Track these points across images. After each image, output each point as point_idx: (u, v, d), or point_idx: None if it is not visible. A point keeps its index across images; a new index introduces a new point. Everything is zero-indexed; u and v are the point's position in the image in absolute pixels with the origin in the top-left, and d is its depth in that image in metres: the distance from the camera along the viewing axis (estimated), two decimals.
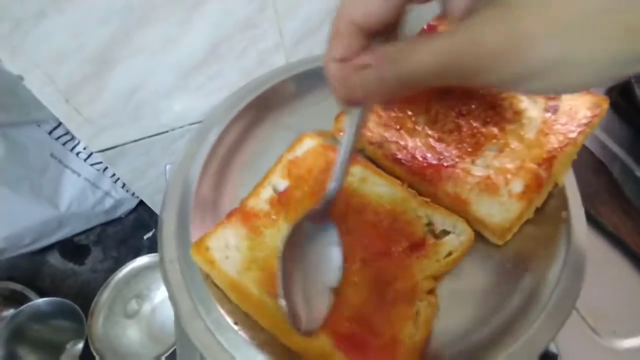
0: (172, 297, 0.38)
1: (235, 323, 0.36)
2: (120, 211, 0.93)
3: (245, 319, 0.37)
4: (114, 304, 0.78)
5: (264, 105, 0.50)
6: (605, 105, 0.41)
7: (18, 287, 0.89)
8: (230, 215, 0.43)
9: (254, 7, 0.63)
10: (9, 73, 0.58)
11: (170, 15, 0.60)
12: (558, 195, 0.41)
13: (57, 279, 0.91)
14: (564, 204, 0.40)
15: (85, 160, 0.83)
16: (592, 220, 0.62)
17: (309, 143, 0.47)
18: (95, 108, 0.67)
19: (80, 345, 0.76)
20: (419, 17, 0.92)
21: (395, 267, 0.38)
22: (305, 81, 0.52)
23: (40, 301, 0.79)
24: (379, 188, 0.43)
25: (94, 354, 0.71)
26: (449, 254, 0.39)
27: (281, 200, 0.43)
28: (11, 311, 0.86)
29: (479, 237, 0.40)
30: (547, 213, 0.41)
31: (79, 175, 0.83)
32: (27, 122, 0.76)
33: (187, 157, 0.46)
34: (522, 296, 0.37)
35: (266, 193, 0.44)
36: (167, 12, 0.59)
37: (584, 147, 0.67)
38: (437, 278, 0.38)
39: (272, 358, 0.35)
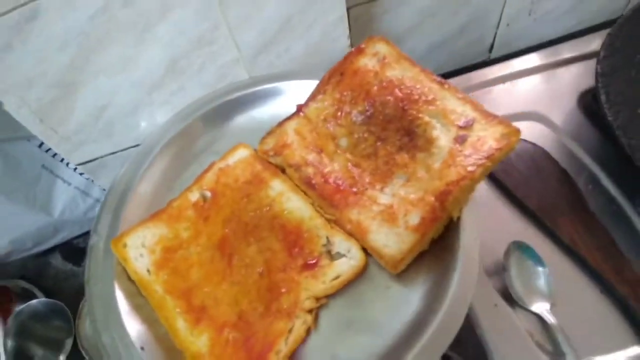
0: (92, 320, 0.41)
1: (142, 348, 0.39)
2: None
3: (152, 343, 0.40)
4: None
5: (196, 131, 0.52)
6: (516, 137, 0.39)
7: (27, 285, 0.97)
8: (155, 214, 0.46)
9: (206, 26, 0.64)
10: None
11: (124, 37, 0.62)
12: (454, 229, 0.40)
13: (60, 279, 0.98)
14: (457, 238, 0.40)
15: (75, 170, 0.88)
16: (550, 234, 0.59)
17: (242, 153, 0.50)
18: (68, 127, 0.71)
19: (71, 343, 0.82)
20: (397, 20, 0.89)
21: (286, 282, 0.40)
22: (236, 107, 0.53)
23: (35, 302, 0.85)
24: (291, 204, 0.45)
25: (83, 352, 0.77)
26: (337, 277, 0.40)
27: (205, 207, 0.46)
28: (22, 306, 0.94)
29: (379, 266, 0.41)
30: (442, 245, 0.41)
31: (69, 184, 0.88)
32: (18, 137, 0.82)
33: (120, 184, 0.49)
34: (409, 326, 0.38)
35: (193, 197, 0.47)
36: (121, 35, 0.62)
37: (548, 157, 0.64)
38: (319, 299, 0.40)
39: None
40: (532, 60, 0.78)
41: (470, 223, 0.40)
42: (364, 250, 0.42)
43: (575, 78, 0.73)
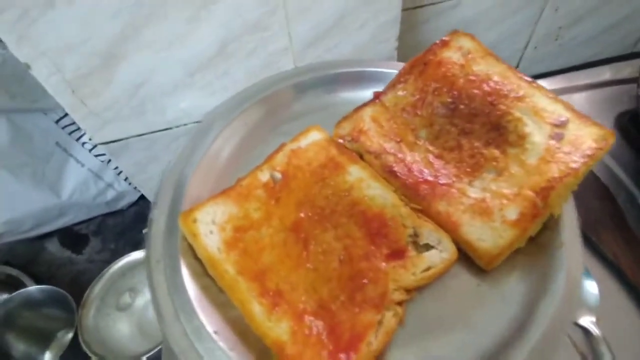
0: (154, 299, 0.38)
1: (215, 332, 0.36)
2: (122, 203, 0.93)
3: (225, 327, 0.37)
4: (106, 296, 0.78)
5: (263, 110, 0.50)
6: (612, 139, 0.40)
7: (14, 271, 0.89)
8: (224, 192, 0.43)
9: (265, 9, 0.63)
10: (16, 59, 0.59)
11: (179, 13, 0.60)
12: (554, 226, 0.40)
13: (54, 267, 0.91)
14: (558, 236, 0.39)
15: (90, 150, 0.84)
16: (593, 248, 0.60)
17: (315, 136, 0.47)
18: (100, 101, 0.67)
19: (70, 335, 0.75)
20: (435, 30, 0.90)
21: (370, 271, 0.38)
22: (307, 88, 0.51)
23: (32, 288, 0.78)
24: (372, 191, 0.43)
25: (83, 345, 0.71)
26: (427, 269, 0.38)
27: (276, 189, 0.44)
28: (5, 296, 0.86)
29: (467, 261, 0.39)
30: (540, 243, 0.40)
31: (82, 165, 0.83)
32: (34, 109, 0.77)
33: (182, 158, 0.46)
34: (508, 327, 0.36)
35: (263, 177, 0.44)
36: (176, 10, 0.59)
37: (590, 171, 0.65)
38: (409, 291, 0.38)
39: None
40: (572, 79, 0.80)
41: (571, 221, 0.40)
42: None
43: (612, 100, 0.76)
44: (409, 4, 0.82)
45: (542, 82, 0.83)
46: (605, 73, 0.82)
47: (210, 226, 0.40)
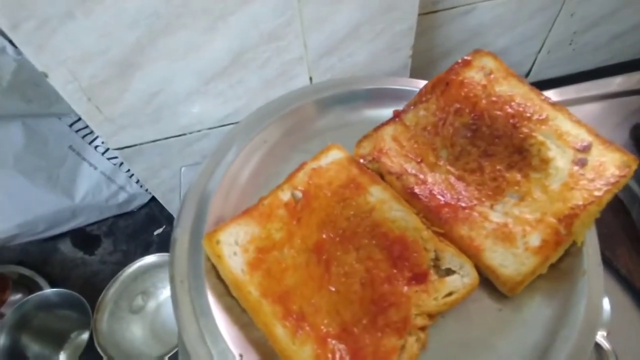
0: (179, 320, 0.38)
1: (241, 355, 0.36)
2: (133, 205, 0.94)
3: (249, 350, 0.37)
4: (120, 299, 0.79)
5: (283, 128, 0.50)
6: (635, 165, 0.40)
7: (27, 272, 0.90)
8: (246, 211, 0.43)
9: (281, 20, 0.63)
10: (32, 65, 0.59)
11: (196, 23, 0.60)
12: (576, 253, 0.40)
13: (67, 267, 0.92)
14: (581, 264, 0.39)
15: (103, 154, 0.84)
16: (605, 262, 0.60)
17: (335, 154, 0.47)
18: (116, 108, 0.67)
19: (84, 336, 0.77)
20: (448, 36, 0.90)
21: (392, 295, 0.38)
22: (327, 105, 0.51)
23: (48, 292, 0.79)
24: (394, 213, 0.43)
25: (98, 349, 0.72)
26: (449, 294, 0.38)
27: (297, 208, 0.44)
28: (19, 296, 0.87)
29: (487, 286, 0.40)
30: (561, 269, 0.40)
31: (95, 168, 0.84)
32: (49, 114, 0.77)
33: (204, 176, 0.46)
34: (531, 354, 0.36)
35: (284, 196, 0.44)
36: (193, 21, 0.59)
37: None
38: (431, 316, 0.38)
39: None
40: (583, 90, 0.80)
41: (593, 249, 0.40)
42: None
43: (626, 111, 0.76)
44: (422, 9, 0.81)
45: (552, 93, 0.83)
46: (617, 83, 0.81)
47: (234, 247, 0.41)
